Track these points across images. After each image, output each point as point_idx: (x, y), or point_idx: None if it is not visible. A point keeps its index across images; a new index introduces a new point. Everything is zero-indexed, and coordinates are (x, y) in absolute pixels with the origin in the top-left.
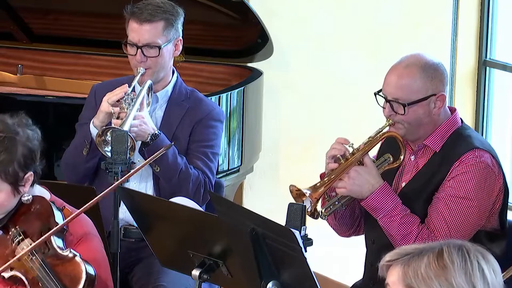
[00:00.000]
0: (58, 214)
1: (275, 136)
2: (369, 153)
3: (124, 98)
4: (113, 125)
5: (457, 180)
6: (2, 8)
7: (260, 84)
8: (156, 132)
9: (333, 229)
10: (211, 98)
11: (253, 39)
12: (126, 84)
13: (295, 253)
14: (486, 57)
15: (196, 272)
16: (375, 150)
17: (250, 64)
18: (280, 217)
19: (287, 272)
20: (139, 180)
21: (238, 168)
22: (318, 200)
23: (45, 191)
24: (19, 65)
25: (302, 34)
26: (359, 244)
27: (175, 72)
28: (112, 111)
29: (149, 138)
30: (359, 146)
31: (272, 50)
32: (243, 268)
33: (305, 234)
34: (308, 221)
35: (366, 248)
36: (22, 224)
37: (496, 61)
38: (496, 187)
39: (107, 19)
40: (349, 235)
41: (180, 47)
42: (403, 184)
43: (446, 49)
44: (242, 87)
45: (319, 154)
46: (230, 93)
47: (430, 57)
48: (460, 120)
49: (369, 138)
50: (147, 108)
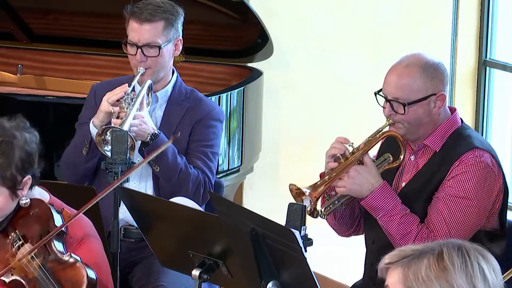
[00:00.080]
0: (58, 217)
1: (275, 136)
2: (369, 153)
3: (124, 98)
4: (113, 125)
5: (457, 180)
6: (2, 8)
7: (260, 84)
8: (156, 132)
9: (333, 229)
10: (211, 98)
11: (253, 39)
12: (126, 84)
13: (295, 253)
14: (486, 57)
15: (196, 272)
16: (375, 150)
17: (250, 64)
18: (280, 217)
19: (287, 272)
20: (139, 180)
21: (238, 168)
22: (318, 199)
23: (44, 193)
24: (19, 65)
25: (302, 34)
26: (359, 244)
27: (175, 72)
28: (112, 111)
29: (149, 138)
30: (359, 146)
31: (272, 50)
32: (243, 268)
33: (305, 234)
34: (308, 221)
35: (366, 248)
36: (22, 228)
37: (496, 61)
38: (496, 187)
39: (107, 19)
40: (349, 235)
41: (180, 47)
42: (403, 184)
43: (446, 49)
44: (242, 87)
45: (319, 154)
46: (230, 93)
47: (430, 57)
48: (460, 120)
49: (369, 138)
50: (147, 108)
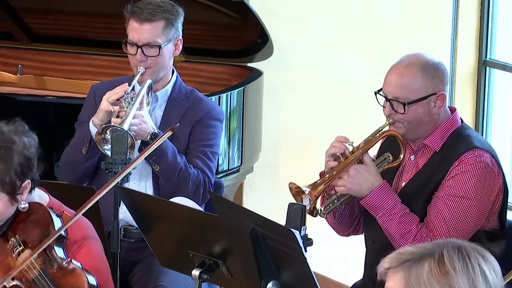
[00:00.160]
0: (57, 221)
1: (275, 136)
2: (370, 153)
3: (124, 97)
4: (113, 124)
5: (457, 179)
6: (2, 8)
7: (260, 84)
8: (156, 131)
9: (332, 228)
10: (211, 98)
11: (253, 39)
12: (126, 83)
13: (295, 253)
14: (486, 57)
15: (196, 272)
16: (376, 149)
17: (250, 64)
18: (280, 217)
19: (287, 272)
20: (139, 180)
21: (238, 168)
22: (318, 198)
23: (44, 194)
24: (19, 65)
25: (302, 34)
26: (359, 244)
27: (175, 72)
28: (112, 110)
29: (149, 137)
30: (359, 145)
31: (272, 50)
32: (243, 268)
33: (305, 234)
34: (308, 221)
35: (366, 248)
36: (22, 233)
37: (496, 61)
38: (496, 187)
39: (107, 19)
40: (348, 234)
41: (180, 47)
42: (403, 184)
43: (446, 49)
44: (242, 87)
45: (319, 154)
46: (230, 93)
47: (431, 57)
48: (460, 120)
49: (369, 137)
50: (147, 107)
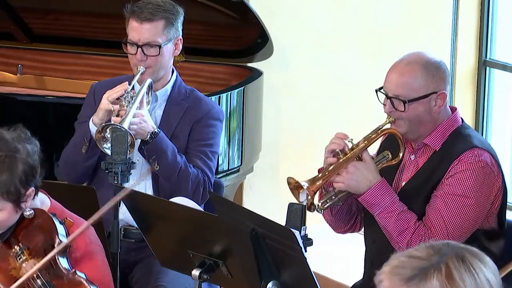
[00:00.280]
0: (61, 228)
1: (275, 136)
2: (370, 151)
3: (124, 96)
4: (113, 122)
5: (456, 178)
6: (2, 8)
7: (260, 84)
8: (156, 131)
9: (329, 225)
10: (211, 98)
11: (253, 39)
12: (126, 82)
13: (295, 253)
14: (486, 57)
15: (196, 272)
16: (376, 148)
17: (250, 64)
18: (280, 217)
19: (287, 272)
20: (139, 179)
21: (238, 168)
22: (315, 193)
23: (45, 198)
24: (19, 65)
25: (302, 34)
26: (359, 244)
27: (175, 71)
28: (112, 109)
29: (149, 136)
30: (359, 142)
31: (272, 50)
32: (243, 268)
33: (305, 234)
34: (308, 221)
35: (366, 248)
36: (25, 240)
37: (496, 61)
38: (495, 187)
39: (107, 19)
40: (345, 232)
41: (180, 46)
42: (403, 184)
43: (446, 49)
44: (242, 87)
45: (319, 154)
46: (230, 93)
47: (432, 55)
48: (461, 120)
49: (369, 135)
50: (147, 107)
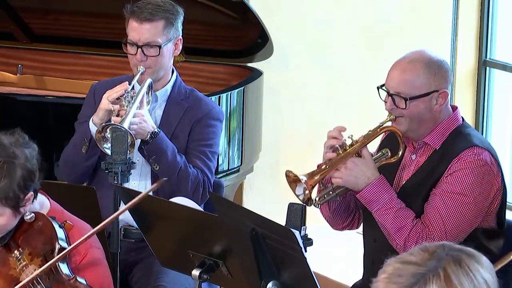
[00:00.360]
0: (60, 232)
1: (275, 136)
2: (370, 150)
3: (124, 96)
4: (113, 122)
5: (455, 176)
6: (2, 8)
7: (260, 84)
8: (156, 131)
9: (327, 221)
10: (211, 98)
11: (253, 39)
12: (126, 82)
13: (295, 253)
14: (486, 57)
15: (196, 272)
16: (376, 146)
17: (250, 64)
18: (280, 217)
19: (287, 272)
20: (139, 179)
21: (238, 168)
22: (313, 188)
23: (45, 200)
24: (19, 65)
25: (302, 34)
26: (359, 244)
27: (175, 72)
28: (112, 109)
29: (149, 136)
30: (358, 139)
31: (272, 50)
32: (243, 268)
33: (305, 234)
34: (308, 221)
35: (365, 247)
36: (25, 245)
37: (496, 61)
38: (495, 186)
39: (107, 19)
40: (342, 229)
41: (180, 46)
42: (404, 183)
43: (446, 49)
44: (242, 87)
45: (319, 154)
46: (230, 93)
47: (435, 54)
48: (461, 119)
49: (369, 131)
50: (147, 107)
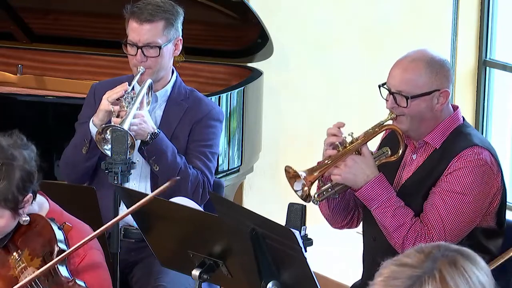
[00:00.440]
0: (59, 234)
1: (275, 136)
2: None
3: (124, 97)
4: (113, 123)
5: (454, 175)
6: (2, 8)
7: (260, 84)
8: (156, 131)
9: (326, 220)
10: (211, 98)
11: (253, 39)
12: (126, 83)
13: (295, 253)
14: (486, 57)
15: (196, 272)
16: (377, 145)
17: (250, 64)
18: (280, 217)
19: (287, 272)
20: (139, 180)
21: (238, 168)
22: (312, 184)
23: (44, 201)
24: (19, 65)
25: (302, 34)
26: (359, 244)
27: (175, 72)
28: (112, 110)
29: (149, 137)
30: (358, 136)
31: (272, 50)
32: (243, 268)
33: (305, 234)
34: (308, 221)
35: (364, 247)
36: (23, 247)
37: (496, 61)
38: (494, 186)
39: (107, 19)
40: (342, 227)
41: (180, 47)
42: (404, 182)
43: (446, 49)
44: (242, 87)
45: (319, 154)
46: (230, 93)
47: (436, 53)
48: (462, 118)
49: (369, 129)
50: (147, 107)
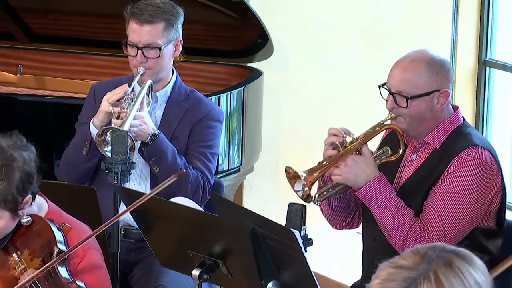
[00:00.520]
0: (59, 235)
1: (275, 136)
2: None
3: (124, 98)
4: (113, 125)
5: (454, 175)
6: (2, 8)
7: (260, 84)
8: (156, 132)
9: (327, 220)
10: (211, 98)
11: (253, 39)
12: (126, 84)
13: (295, 253)
14: (486, 57)
15: (196, 272)
16: (377, 145)
17: (250, 64)
18: (280, 217)
19: (287, 272)
20: (139, 180)
21: (238, 168)
22: (313, 184)
23: (44, 202)
24: (19, 65)
25: (302, 34)
26: (359, 244)
27: (175, 72)
28: (112, 111)
29: (149, 138)
30: (359, 136)
31: (272, 50)
32: (243, 268)
33: (305, 234)
34: (308, 221)
35: (364, 246)
36: (23, 248)
37: (496, 61)
38: (494, 186)
39: (107, 19)
40: (342, 228)
41: (180, 47)
42: (403, 181)
43: (446, 49)
44: (242, 87)
45: (319, 154)
46: (230, 93)
47: (436, 54)
48: (462, 118)
49: (369, 129)
50: (147, 108)
